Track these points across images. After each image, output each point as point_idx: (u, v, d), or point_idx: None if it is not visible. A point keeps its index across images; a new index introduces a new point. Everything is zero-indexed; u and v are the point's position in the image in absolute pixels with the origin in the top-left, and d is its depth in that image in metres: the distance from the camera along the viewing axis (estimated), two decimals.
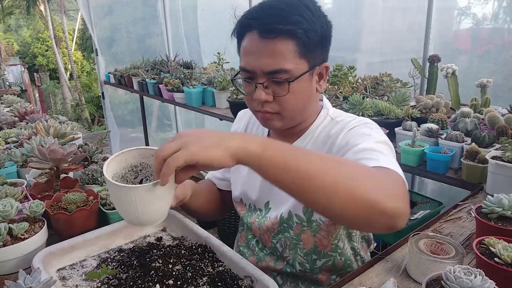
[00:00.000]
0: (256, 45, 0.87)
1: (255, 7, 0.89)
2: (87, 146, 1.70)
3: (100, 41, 4.56)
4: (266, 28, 0.85)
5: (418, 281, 0.84)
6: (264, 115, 0.94)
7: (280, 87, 0.89)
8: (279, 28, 0.84)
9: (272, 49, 0.85)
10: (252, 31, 0.87)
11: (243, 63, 0.91)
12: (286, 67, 0.86)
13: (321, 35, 0.89)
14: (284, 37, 0.84)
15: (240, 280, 0.85)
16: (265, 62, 0.86)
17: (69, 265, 0.95)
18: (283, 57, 0.85)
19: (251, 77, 0.91)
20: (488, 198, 0.94)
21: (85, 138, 2.45)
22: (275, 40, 0.85)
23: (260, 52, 0.86)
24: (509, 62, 2.22)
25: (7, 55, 14.33)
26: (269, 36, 0.85)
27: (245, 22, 0.89)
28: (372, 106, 1.92)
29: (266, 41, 0.85)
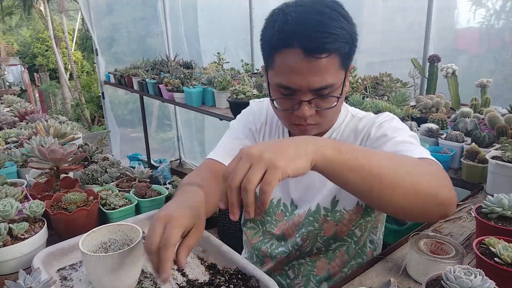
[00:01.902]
0: (302, 64, 0.83)
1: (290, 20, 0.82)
2: (87, 146, 1.70)
3: (100, 41, 4.56)
4: (311, 46, 0.81)
5: (418, 281, 0.84)
6: (305, 128, 0.92)
7: (324, 100, 0.88)
8: (325, 46, 0.81)
9: (319, 68, 0.83)
10: (294, 48, 0.82)
11: (285, 81, 0.86)
12: (331, 82, 0.85)
13: (355, 40, 0.88)
14: (330, 53, 0.82)
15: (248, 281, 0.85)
16: (312, 80, 0.84)
17: (69, 265, 0.95)
18: (330, 73, 0.84)
19: (292, 93, 0.88)
20: (488, 198, 0.94)
21: (85, 138, 2.46)
22: (322, 57, 0.82)
23: (307, 70, 0.83)
24: (509, 62, 2.22)
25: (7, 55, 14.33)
26: (317, 55, 0.81)
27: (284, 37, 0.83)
28: (372, 106, 1.92)
29: (313, 60, 0.82)
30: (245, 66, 3.20)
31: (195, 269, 0.93)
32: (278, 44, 0.85)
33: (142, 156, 4.86)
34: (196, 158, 5.02)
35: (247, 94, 2.47)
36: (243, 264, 0.88)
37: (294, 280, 1.10)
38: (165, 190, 1.33)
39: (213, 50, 3.57)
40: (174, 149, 5.26)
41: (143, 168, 1.45)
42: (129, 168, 1.50)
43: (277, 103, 0.92)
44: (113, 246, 0.91)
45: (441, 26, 2.46)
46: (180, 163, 5.22)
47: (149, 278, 0.90)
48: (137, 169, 1.46)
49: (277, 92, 0.91)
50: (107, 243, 0.91)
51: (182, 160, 5.22)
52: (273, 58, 0.87)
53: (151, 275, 0.91)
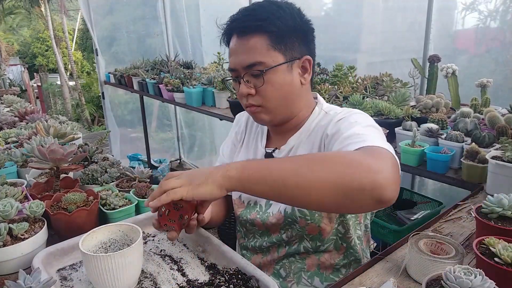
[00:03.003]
0: (235, 45, 0.98)
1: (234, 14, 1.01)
2: (87, 146, 1.70)
3: (100, 41, 4.56)
4: (241, 28, 0.97)
5: (418, 281, 0.84)
6: (251, 109, 1.02)
7: (257, 79, 0.97)
8: (250, 25, 0.94)
9: (247, 46, 0.95)
10: (233, 35, 0.99)
11: (229, 63, 1.01)
12: (260, 59, 0.94)
13: (294, 28, 0.96)
14: (256, 33, 0.94)
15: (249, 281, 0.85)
16: (242, 58, 0.96)
17: (69, 265, 0.95)
18: (256, 51, 0.94)
19: (236, 75, 1.00)
20: (488, 198, 0.94)
21: (85, 138, 2.46)
22: (248, 37, 0.95)
23: (239, 50, 0.97)
24: (509, 62, 2.22)
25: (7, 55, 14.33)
26: (244, 34, 0.96)
27: (227, 28, 1.01)
28: (372, 106, 1.92)
29: (242, 40, 0.96)
30: None
31: (195, 269, 0.93)
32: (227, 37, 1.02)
33: (142, 156, 4.86)
34: (196, 158, 5.02)
35: None
36: (243, 264, 0.88)
37: (286, 278, 1.11)
38: None
39: (215, 50, 3.56)
40: (174, 149, 5.26)
41: (143, 168, 1.45)
42: (129, 168, 1.50)
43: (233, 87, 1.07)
44: (113, 246, 0.91)
45: (441, 26, 2.46)
46: (180, 163, 5.22)
47: (149, 278, 0.90)
48: (137, 169, 1.46)
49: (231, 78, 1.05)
50: (107, 243, 0.91)
51: (182, 160, 5.22)
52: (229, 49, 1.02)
53: (151, 275, 0.91)
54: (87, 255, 0.80)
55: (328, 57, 2.91)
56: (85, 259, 0.82)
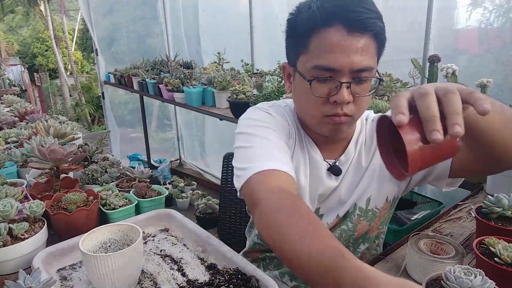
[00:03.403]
0: (345, 41, 0.78)
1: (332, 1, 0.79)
2: (87, 146, 1.70)
3: (100, 41, 4.56)
4: (355, 22, 0.77)
5: (418, 281, 0.84)
6: (340, 119, 0.85)
7: (361, 86, 0.83)
8: (370, 23, 0.78)
9: (362, 46, 0.79)
10: (334, 25, 0.78)
11: (325, 61, 0.80)
12: (370, 64, 0.81)
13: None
14: (370, 33, 0.79)
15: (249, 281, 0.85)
16: (354, 59, 0.79)
17: (69, 265, 0.95)
18: (369, 55, 0.81)
19: (331, 76, 0.82)
20: (488, 198, 0.94)
21: (85, 138, 2.46)
22: (364, 34, 0.79)
23: (349, 48, 0.78)
24: (509, 62, 2.22)
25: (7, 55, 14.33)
26: (361, 31, 0.78)
27: (326, 11, 0.78)
28: (372, 106, 1.92)
29: (356, 37, 0.78)
30: (245, 66, 3.20)
31: (195, 269, 0.93)
32: (317, 23, 0.79)
33: (142, 156, 4.86)
34: (196, 158, 5.02)
35: (247, 94, 2.47)
36: (243, 264, 0.88)
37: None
38: (165, 190, 1.33)
39: (214, 50, 3.56)
40: (174, 149, 5.26)
41: (143, 168, 1.45)
42: (129, 168, 1.50)
43: (313, 89, 0.83)
44: (113, 246, 0.91)
45: (441, 26, 2.46)
46: (180, 163, 5.22)
47: (149, 278, 0.90)
48: (137, 169, 1.46)
49: (311, 76, 0.84)
50: (107, 243, 0.92)
51: (182, 160, 5.22)
52: (308, 41, 0.82)
53: (151, 275, 0.91)
54: (87, 255, 0.80)
55: None
56: (85, 259, 0.82)
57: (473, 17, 2.35)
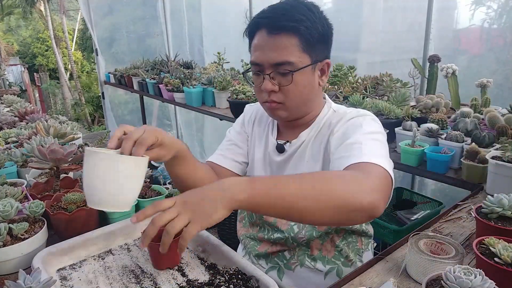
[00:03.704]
0: (264, 41, 0.97)
1: (264, 10, 1.01)
2: (87, 146, 1.70)
3: (100, 41, 4.57)
4: (272, 25, 0.96)
5: (418, 281, 0.84)
6: (270, 105, 1.03)
7: (284, 78, 0.98)
8: (284, 25, 0.94)
9: (277, 44, 0.96)
10: (261, 29, 0.98)
11: (253, 57, 1.01)
12: (290, 59, 0.95)
13: (322, 33, 0.98)
14: (288, 33, 0.95)
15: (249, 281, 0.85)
16: (272, 55, 0.96)
17: (69, 265, 0.95)
18: (287, 51, 0.95)
19: (260, 70, 1.01)
20: (488, 198, 0.94)
21: (85, 138, 2.46)
22: (280, 35, 0.95)
23: (267, 46, 0.97)
24: (509, 62, 2.22)
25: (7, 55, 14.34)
26: (275, 32, 0.95)
27: (255, 22, 1.00)
28: (372, 106, 1.92)
29: (272, 37, 0.96)
30: (245, 66, 3.20)
31: (195, 269, 0.93)
32: (251, 28, 1.02)
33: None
34: (196, 158, 5.02)
35: (247, 94, 2.47)
36: (243, 264, 0.88)
37: (290, 260, 1.14)
38: (165, 190, 1.33)
39: (215, 50, 3.57)
40: None
41: None
42: None
43: (252, 81, 1.07)
44: None
45: (441, 26, 2.46)
46: None
47: (149, 278, 0.90)
48: None
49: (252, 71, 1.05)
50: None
51: None
52: (251, 42, 1.03)
53: (151, 275, 0.91)
54: (94, 153, 0.71)
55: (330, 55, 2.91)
56: (90, 159, 0.72)
57: (475, 17, 2.35)
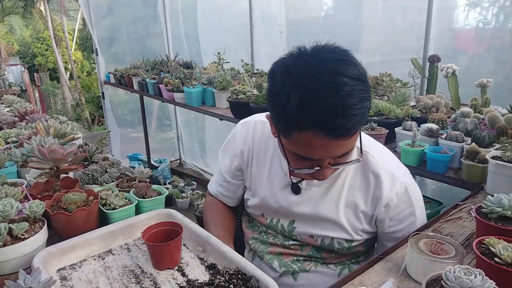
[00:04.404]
0: (326, 143, 0.83)
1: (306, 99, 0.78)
2: (87, 146, 1.70)
3: (100, 41, 4.56)
4: (336, 133, 0.80)
5: (418, 281, 0.84)
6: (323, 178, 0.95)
7: (343, 158, 0.91)
8: (352, 130, 0.82)
9: (347, 145, 0.86)
10: (315, 130, 0.80)
11: (304, 153, 0.87)
12: (352, 146, 0.89)
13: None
14: (357, 132, 0.85)
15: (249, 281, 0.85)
16: (336, 152, 0.86)
17: (69, 265, 0.95)
18: (353, 141, 0.88)
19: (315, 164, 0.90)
20: (488, 198, 0.94)
21: (85, 138, 2.46)
22: (351, 137, 0.84)
23: (332, 147, 0.84)
24: (509, 62, 2.22)
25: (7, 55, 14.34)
26: (342, 138, 0.82)
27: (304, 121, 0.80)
28: (372, 106, 1.92)
29: (338, 141, 0.83)
30: (245, 66, 3.20)
31: (195, 269, 0.93)
32: (297, 124, 0.82)
33: (142, 156, 4.86)
34: (196, 158, 5.02)
35: (247, 94, 2.47)
36: (243, 264, 0.88)
37: (304, 262, 1.14)
38: (165, 190, 1.33)
39: (213, 50, 3.56)
40: (174, 149, 5.26)
41: (143, 168, 1.45)
42: (129, 168, 1.50)
43: (292, 164, 0.92)
44: None
45: (441, 26, 2.46)
46: (180, 163, 5.22)
47: (149, 278, 0.90)
48: (137, 169, 1.45)
49: (292, 156, 0.90)
50: None
51: (182, 160, 5.22)
52: (291, 132, 0.85)
53: (151, 275, 0.91)
54: None
55: None
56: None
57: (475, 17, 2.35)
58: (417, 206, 1.05)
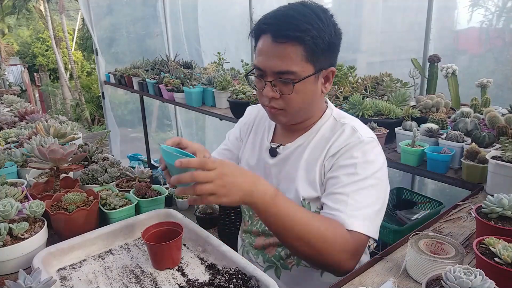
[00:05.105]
0: (268, 47, 0.96)
1: (271, 13, 0.98)
2: (87, 146, 1.70)
3: (100, 41, 4.57)
4: (278, 33, 0.94)
5: (418, 281, 0.84)
6: (270, 110, 1.04)
7: (286, 86, 0.97)
8: (289, 34, 0.92)
9: (281, 52, 0.94)
10: (266, 34, 0.96)
11: (256, 61, 1.00)
12: (292, 69, 0.95)
13: (329, 42, 0.96)
14: (293, 43, 0.93)
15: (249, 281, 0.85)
16: (275, 63, 0.95)
17: (69, 265, 0.95)
18: (290, 60, 0.94)
19: (262, 74, 1.00)
20: (488, 198, 0.94)
21: (85, 138, 2.46)
22: (285, 44, 0.93)
23: (271, 53, 0.95)
24: (509, 62, 2.22)
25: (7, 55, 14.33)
26: (280, 40, 0.93)
27: (260, 26, 0.98)
28: (372, 106, 1.92)
29: (277, 45, 0.94)
30: (245, 66, 3.20)
31: (195, 269, 0.93)
32: (256, 32, 1.00)
33: (142, 156, 4.86)
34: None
35: (247, 94, 2.47)
36: (243, 264, 0.88)
37: (286, 260, 1.14)
38: (165, 190, 1.33)
39: (213, 50, 3.57)
40: None
41: (143, 168, 1.45)
42: (129, 168, 1.50)
43: (254, 83, 1.06)
44: None
45: (441, 26, 2.46)
46: None
47: (149, 278, 0.90)
48: (137, 169, 1.46)
49: (255, 74, 1.04)
50: None
51: None
52: (256, 44, 1.02)
53: (151, 275, 0.91)
54: None
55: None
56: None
57: (475, 17, 2.35)
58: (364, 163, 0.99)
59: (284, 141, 1.14)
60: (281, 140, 1.15)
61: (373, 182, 0.98)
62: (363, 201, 0.96)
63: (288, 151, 1.11)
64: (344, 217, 0.93)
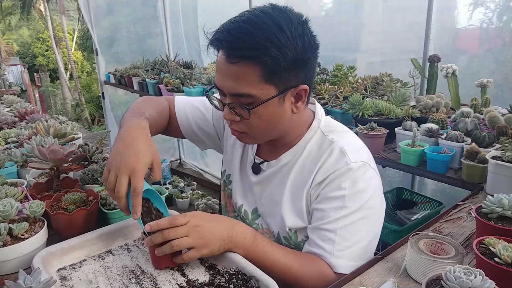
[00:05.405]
0: (223, 66, 0.85)
1: (225, 26, 0.85)
2: (87, 146, 1.70)
3: (100, 41, 4.56)
4: (230, 52, 0.83)
5: (418, 281, 0.84)
6: (233, 133, 0.96)
7: (243, 110, 0.87)
8: (243, 54, 0.81)
9: (236, 73, 0.83)
10: (221, 50, 0.86)
11: (215, 78, 0.91)
12: (250, 92, 0.84)
13: (293, 58, 0.82)
14: (248, 63, 0.81)
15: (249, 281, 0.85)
16: (230, 84, 0.85)
17: (69, 265, 0.95)
18: (246, 82, 0.83)
19: (223, 93, 0.90)
20: (488, 198, 0.94)
21: (85, 138, 2.46)
22: (238, 64, 0.82)
23: (226, 73, 0.85)
24: (509, 62, 2.22)
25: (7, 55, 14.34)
26: (233, 60, 0.82)
27: (213, 42, 0.87)
28: (372, 106, 1.92)
29: (230, 65, 0.83)
30: None
31: (195, 269, 0.93)
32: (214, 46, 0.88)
33: None
34: (196, 158, 5.02)
35: None
36: (243, 264, 0.88)
37: None
38: (165, 190, 1.33)
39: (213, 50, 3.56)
40: (174, 149, 5.26)
41: None
42: None
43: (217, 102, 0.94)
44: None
45: (441, 26, 2.46)
46: (180, 163, 5.22)
47: (149, 278, 0.90)
48: None
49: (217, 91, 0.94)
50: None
51: (182, 160, 5.22)
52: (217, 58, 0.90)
53: (151, 275, 0.91)
54: None
55: (328, 57, 2.92)
56: None
57: (475, 17, 2.35)
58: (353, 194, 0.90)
59: (269, 157, 1.05)
60: (265, 155, 1.06)
61: (364, 213, 0.90)
62: (351, 238, 0.90)
63: (272, 170, 1.03)
64: (330, 259, 0.89)
